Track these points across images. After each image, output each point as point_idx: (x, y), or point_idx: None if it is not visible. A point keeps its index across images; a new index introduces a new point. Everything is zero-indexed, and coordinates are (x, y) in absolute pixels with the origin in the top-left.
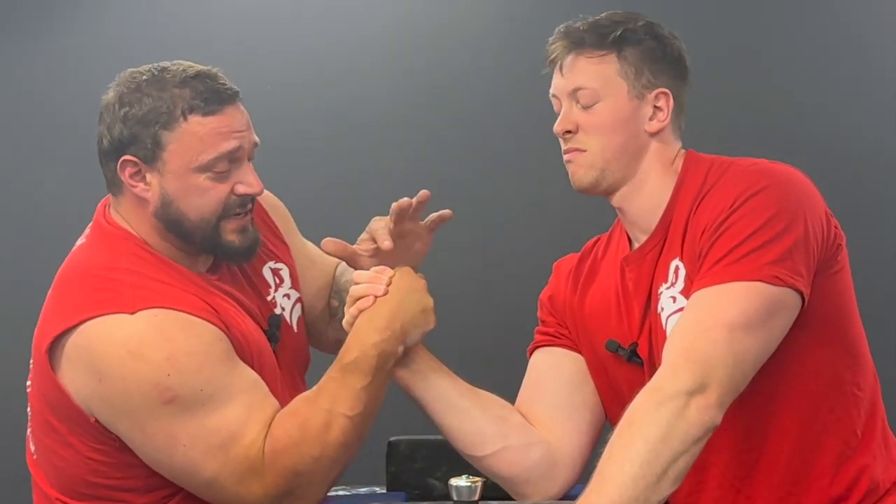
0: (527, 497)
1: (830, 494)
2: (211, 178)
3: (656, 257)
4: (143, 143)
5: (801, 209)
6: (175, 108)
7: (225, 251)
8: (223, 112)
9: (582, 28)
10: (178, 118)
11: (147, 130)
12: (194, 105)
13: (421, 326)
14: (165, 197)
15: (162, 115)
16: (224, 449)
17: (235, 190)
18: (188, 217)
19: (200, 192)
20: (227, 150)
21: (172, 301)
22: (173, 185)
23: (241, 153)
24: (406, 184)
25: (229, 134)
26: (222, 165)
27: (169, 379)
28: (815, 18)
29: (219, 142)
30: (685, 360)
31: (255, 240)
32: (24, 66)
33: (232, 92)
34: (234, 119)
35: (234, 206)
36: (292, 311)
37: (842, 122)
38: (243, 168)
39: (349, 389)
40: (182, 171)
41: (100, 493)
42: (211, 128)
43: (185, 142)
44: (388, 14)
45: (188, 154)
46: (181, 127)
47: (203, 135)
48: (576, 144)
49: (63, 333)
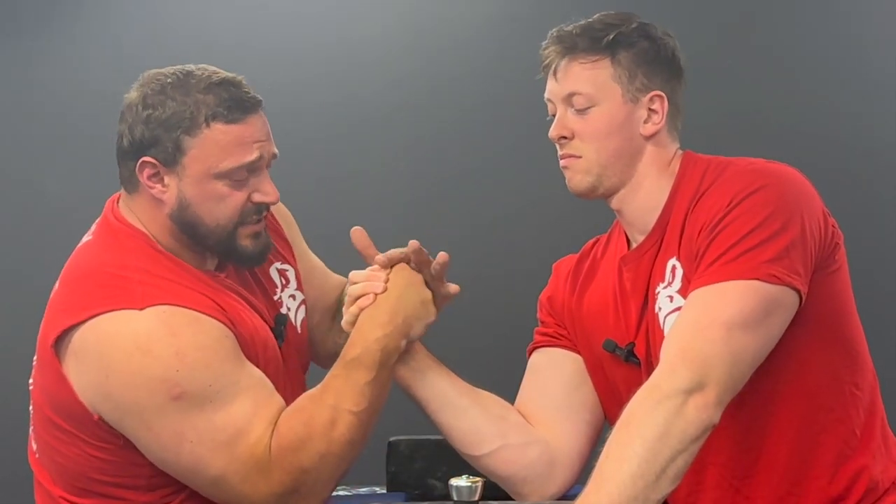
0: (526, 497)
1: (829, 494)
2: (229, 185)
3: (653, 257)
4: (165, 146)
5: (798, 208)
6: (199, 113)
7: (239, 256)
8: (246, 121)
9: (575, 32)
10: (201, 124)
11: (169, 134)
12: (218, 112)
13: (423, 318)
14: (183, 201)
15: (185, 120)
16: (230, 446)
17: (252, 198)
18: (204, 222)
19: (218, 198)
20: (247, 160)
21: (180, 298)
22: (191, 189)
23: (260, 163)
24: (405, 184)
25: (251, 144)
26: (241, 174)
27: (177, 374)
28: (814, 18)
29: (240, 151)
30: (683, 358)
31: (266, 245)
32: (25, 66)
33: (255, 101)
34: (256, 129)
35: (251, 214)
36: (297, 312)
37: (842, 121)
38: (261, 177)
39: (354, 385)
40: (201, 176)
41: (103, 491)
42: (233, 136)
43: (206, 148)
44: (387, 14)
45: (209, 160)
46: (203, 133)
47: (225, 143)
48: (571, 150)
49: (70, 328)
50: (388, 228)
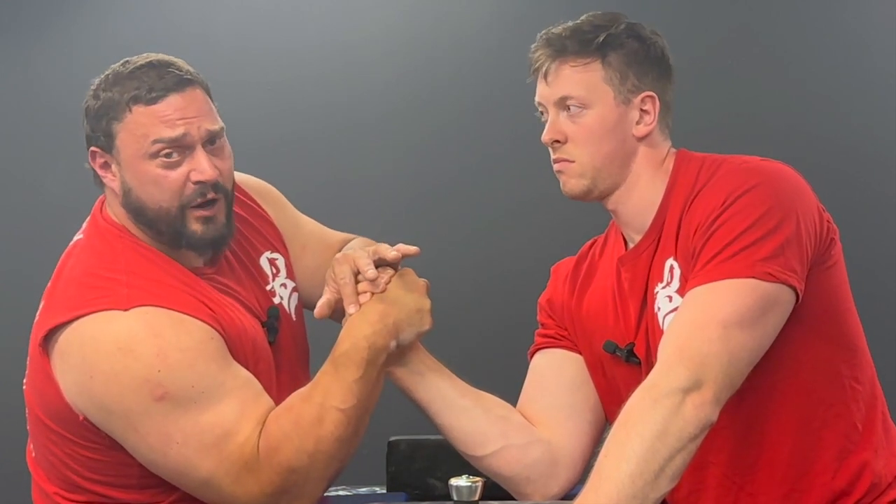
0: (528, 497)
1: (833, 489)
2: (161, 165)
3: (651, 257)
4: (100, 135)
5: (792, 205)
6: (122, 99)
7: (189, 240)
8: (166, 100)
9: (564, 34)
10: (125, 109)
11: (101, 123)
12: (138, 95)
13: (416, 326)
14: (125, 185)
15: (112, 108)
16: (218, 447)
17: (191, 177)
18: (148, 206)
19: (153, 180)
20: (168, 136)
21: (166, 300)
22: (129, 174)
23: (188, 140)
24: (404, 184)
25: (174, 121)
26: (170, 153)
27: (159, 375)
28: (814, 17)
29: (161, 129)
30: (680, 357)
31: (222, 233)
32: (25, 66)
33: (179, 79)
34: (179, 106)
35: (195, 196)
36: (290, 300)
37: (842, 121)
38: (196, 155)
39: (341, 382)
40: (133, 159)
41: (94, 489)
42: (155, 116)
43: (130, 131)
44: (387, 14)
45: (135, 143)
46: (127, 117)
47: (146, 123)
48: (564, 155)
49: (56, 328)
50: (386, 229)
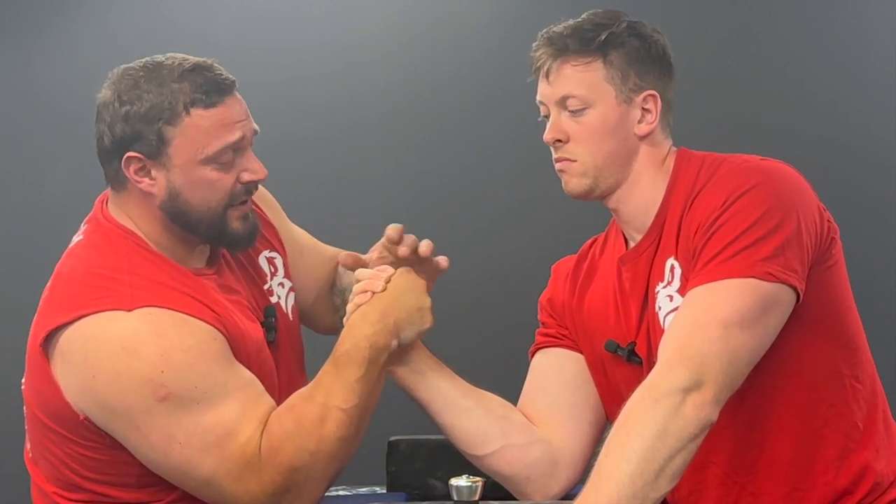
0: (529, 496)
1: (836, 488)
2: (217, 168)
3: (652, 256)
4: (148, 139)
5: (793, 205)
6: (177, 102)
7: (230, 239)
8: (224, 103)
9: (565, 33)
10: (181, 112)
11: (151, 127)
12: (196, 98)
13: (416, 324)
14: (173, 191)
15: (164, 111)
16: (220, 446)
17: (241, 178)
18: (196, 208)
19: (208, 183)
20: (231, 140)
21: (169, 301)
22: (180, 178)
23: (244, 142)
24: (404, 184)
25: (232, 125)
26: (227, 156)
27: (162, 375)
28: (814, 17)
29: (223, 133)
30: (680, 357)
31: (255, 226)
32: (25, 66)
33: (230, 82)
34: (235, 109)
35: (241, 195)
36: (287, 299)
37: (842, 121)
38: (247, 156)
39: (343, 382)
40: (189, 164)
41: (93, 488)
42: (214, 120)
43: (189, 135)
44: (387, 13)
45: (194, 147)
46: (184, 121)
47: (207, 127)
48: (566, 154)
49: (58, 328)
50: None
